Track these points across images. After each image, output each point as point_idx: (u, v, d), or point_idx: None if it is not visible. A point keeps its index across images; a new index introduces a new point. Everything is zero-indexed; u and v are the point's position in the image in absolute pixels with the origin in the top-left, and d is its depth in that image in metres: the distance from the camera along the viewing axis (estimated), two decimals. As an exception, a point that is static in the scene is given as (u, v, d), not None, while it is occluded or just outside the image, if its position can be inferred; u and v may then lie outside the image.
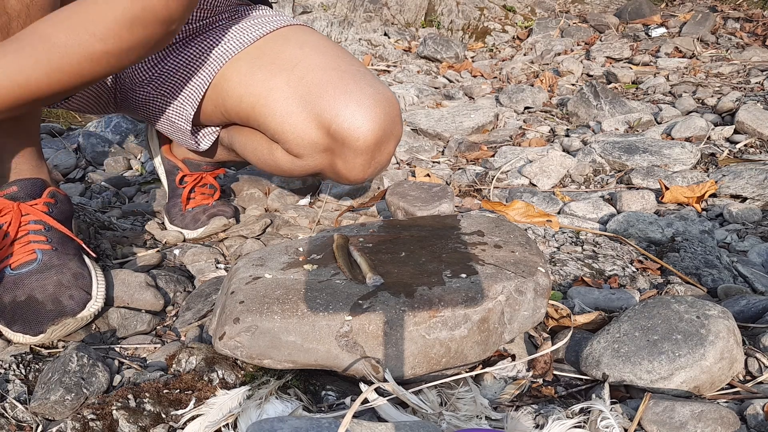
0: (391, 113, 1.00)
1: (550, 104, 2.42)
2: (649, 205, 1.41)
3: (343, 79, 0.99)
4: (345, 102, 0.97)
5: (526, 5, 4.24)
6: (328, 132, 0.98)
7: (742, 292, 0.99)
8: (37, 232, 0.93)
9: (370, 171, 1.04)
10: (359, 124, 0.96)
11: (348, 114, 0.96)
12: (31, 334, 0.85)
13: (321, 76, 0.99)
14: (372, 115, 0.97)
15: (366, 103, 0.97)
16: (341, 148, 0.99)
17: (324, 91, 0.98)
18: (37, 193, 0.96)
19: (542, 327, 0.89)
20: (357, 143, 0.97)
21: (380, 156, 1.02)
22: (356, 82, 0.99)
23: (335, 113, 0.97)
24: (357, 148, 0.98)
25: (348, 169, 1.02)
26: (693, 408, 0.68)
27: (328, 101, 0.97)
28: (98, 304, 0.92)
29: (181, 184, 1.32)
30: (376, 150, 1.00)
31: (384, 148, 1.01)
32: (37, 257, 0.91)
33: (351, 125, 0.96)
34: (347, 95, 0.97)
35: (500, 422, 0.70)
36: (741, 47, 3.08)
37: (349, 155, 1.00)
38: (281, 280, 0.79)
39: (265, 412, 0.70)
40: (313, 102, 0.98)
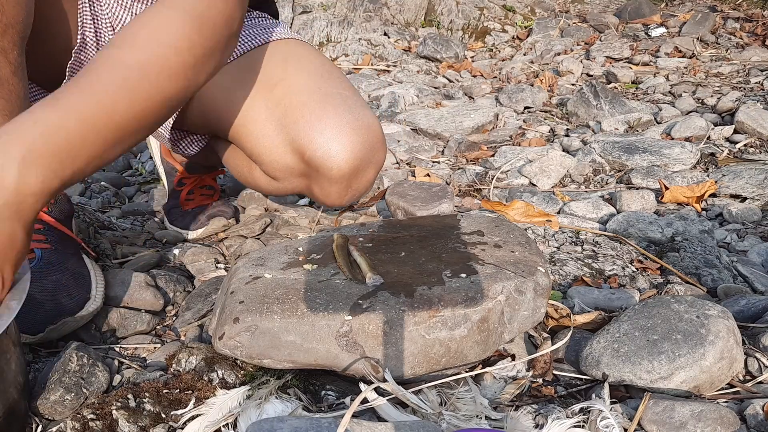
0: (370, 141, 0.95)
1: (550, 104, 2.42)
2: (649, 205, 1.41)
3: (320, 104, 0.94)
4: (320, 129, 0.93)
5: (526, 5, 4.24)
6: (303, 159, 0.95)
7: (741, 291, 0.99)
8: (36, 231, 0.94)
9: (348, 198, 1.00)
10: (334, 153, 0.92)
11: (322, 142, 0.92)
12: (30, 333, 0.85)
13: (299, 100, 0.95)
14: (348, 144, 0.93)
15: (343, 130, 0.93)
16: (316, 175, 0.96)
17: (300, 115, 0.94)
18: None
19: (542, 327, 0.89)
20: (331, 172, 0.94)
21: (357, 184, 0.98)
22: (334, 107, 0.94)
23: (309, 140, 0.93)
24: (331, 177, 0.94)
25: (324, 195, 0.99)
26: (693, 408, 0.68)
27: (304, 127, 0.94)
28: (97, 304, 0.92)
29: (179, 185, 1.32)
30: (353, 178, 0.96)
31: (362, 176, 0.97)
32: (36, 256, 0.91)
33: (325, 154, 0.93)
34: (323, 122, 0.93)
35: (500, 422, 0.70)
36: (741, 47, 3.08)
37: (324, 183, 0.96)
38: (281, 280, 0.79)
39: (265, 412, 0.70)
40: (289, 126, 0.95)
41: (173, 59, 0.74)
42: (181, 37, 0.74)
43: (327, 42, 3.57)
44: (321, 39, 3.58)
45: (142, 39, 0.74)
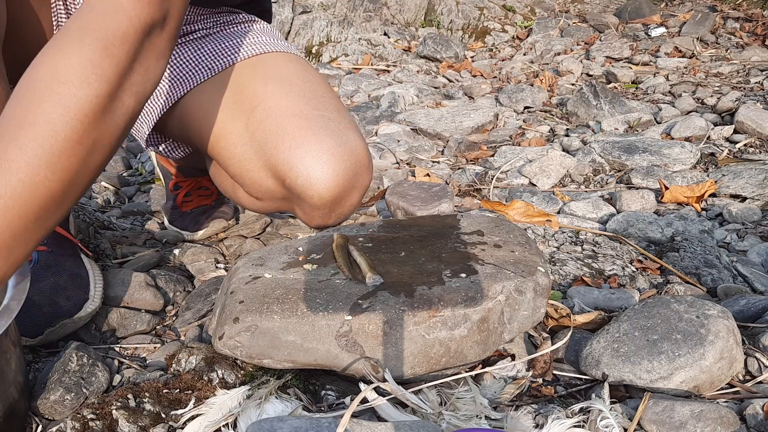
0: (354, 166, 0.91)
1: (550, 104, 2.42)
2: (649, 205, 1.41)
3: (301, 129, 0.91)
4: (300, 156, 0.89)
5: (526, 5, 4.24)
6: (284, 185, 0.92)
7: (741, 291, 0.99)
8: None
9: (332, 221, 0.98)
10: (314, 181, 0.89)
11: (302, 169, 0.89)
12: (28, 336, 0.84)
13: (279, 123, 0.92)
14: (329, 171, 0.89)
15: (323, 158, 0.89)
16: (298, 201, 0.93)
17: (281, 141, 0.91)
18: None
19: (542, 327, 0.89)
20: (312, 200, 0.91)
21: (341, 209, 0.95)
22: (315, 132, 0.90)
23: (289, 167, 0.90)
24: (313, 204, 0.92)
25: (307, 218, 0.97)
26: (693, 408, 0.68)
27: (284, 153, 0.90)
28: (95, 304, 0.92)
29: (175, 189, 1.32)
30: (336, 204, 0.93)
31: (345, 202, 0.94)
32: (34, 258, 0.91)
33: (305, 182, 0.89)
34: (303, 149, 0.89)
35: (500, 422, 0.70)
36: (741, 47, 3.08)
37: (306, 208, 0.93)
38: (281, 280, 0.79)
39: (265, 412, 0.70)
40: (269, 152, 0.91)
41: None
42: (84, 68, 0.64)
43: (327, 42, 3.57)
44: (321, 39, 3.58)
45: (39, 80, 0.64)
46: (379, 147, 1.89)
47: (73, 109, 0.62)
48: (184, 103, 1.00)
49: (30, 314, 0.85)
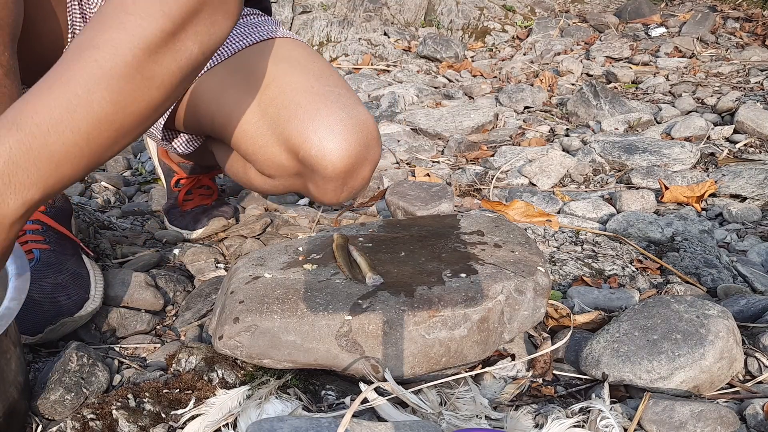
0: (365, 138, 0.94)
1: (550, 104, 2.42)
2: (649, 205, 1.41)
3: (313, 103, 0.93)
4: (314, 128, 0.91)
5: (526, 5, 4.24)
6: (297, 157, 0.94)
7: (741, 291, 0.99)
8: (34, 232, 0.93)
9: (344, 195, 0.99)
10: (328, 152, 0.91)
11: (316, 140, 0.91)
12: (29, 334, 0.84)
13: (292, 98, 0.94)
14: (342, 142, 0.91)
15: (336, 128, 0.91)
16: (311, 174, 0.94)
17: (294, 114, 0.93)
18: None
19: (542, 326, 0.89)
20: (326, 171, 0.92)
21: (353, 181, 0.96)
22: (328, 106, 0.93)
23: (303, 139, 0.92)
24: (326, 175, 0.93)
25: (320, 194, 0.98)
26: (693, 408, 0.68)
27: (297, 126, 0.92)
28: (96, 304, 0.92)
29: (177, 187, 1.32)
30: (348, 176, 0.94)
31: (357, 174, 0.95)
32: (35, 257, 0.91)
33: (319, 152, 0.91)
34: (316, 120, 0.92)
35: (500, 422, 0.70)
36: (741, 47, 3.08)
37: (319, 181, 0.95)
38: (281, 280, 0.79)
39: (265, 412, 0.70)
40: (283, 126, 0.94)
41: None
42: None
43: (327, 42, 3.57)
44: (321, 39, 3.58)
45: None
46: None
47: (136, 37, 0.63)
48: (195, 89, 1.02)
49: (30, 312, 0.85)
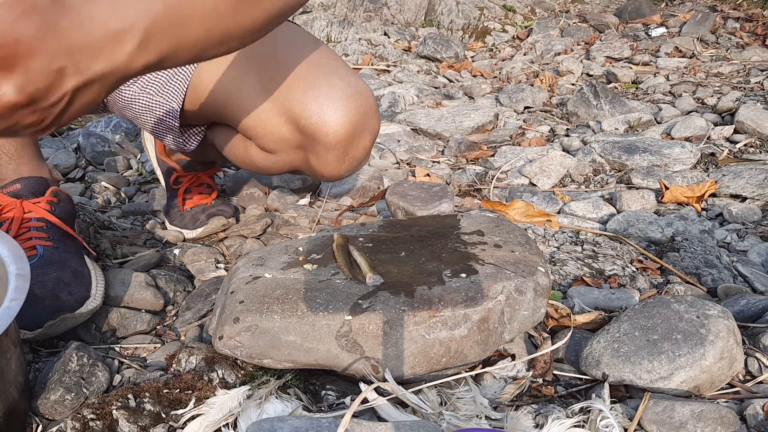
0: (364, 106, 0.96)
1: (550, 104, 2.42)
2: (649, 205, 1.41)
3: (312, 73, 0.96)
4: (314, 96, 0.94)
5: (526, 5, 4.24)
6: (298, 127, 0.96)
7: (742, 291, 0.99)
8: (39, 229, 0.94)
9: (345, 167, 1.01)
10: (328, 119, 0.94)
11: (316, 108, 0.94)
12: (28, 329, 0.84)
13: (291, 71, 0.97)
14: (342, 109, 0.94)
15: (335, 96, 0.94)
16: (312, 144, 0.97)
17: (293, 85, 0.95)
18: (40, 192, 0.97)
19: (542, 327, 0.89)
20: (327, 138, 0.95)
21: (354, 151, 0.98)
22: (326, 75, 0.96)
23: (303, 108, 0.94)
24: (327, 143, 0.95)
25: (321, 165, 1.00)
26: (693, 408, 0.68)
27: (297, 96, 0.95)
28: (96, 303, 0.92)
29: (176, 184, 1.32)
30: (349, 145, 0.97)
31: (358, 143, 0.98)
32: (38, 253, 0.92)
33: (319, 120, 0.94)
34: (316, 89, 0.94)
35: (500, 422, 0.70)
36: (741, 47, 3.08)
37: (320, 151, 0.97)
38: (281, 280, 0.79)
39: (265, 412, 0.70)
40: (283, 97, 0.96)
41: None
42: None
43: (327, 42, 3.57)
44: (321, 39, 3.58)
45: None
46: (379, 147, 1.89)
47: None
48: (196, 74, 1.05)
49: (31, 306, 0.85)
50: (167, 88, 1.10)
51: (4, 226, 0.92)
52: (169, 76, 1.10)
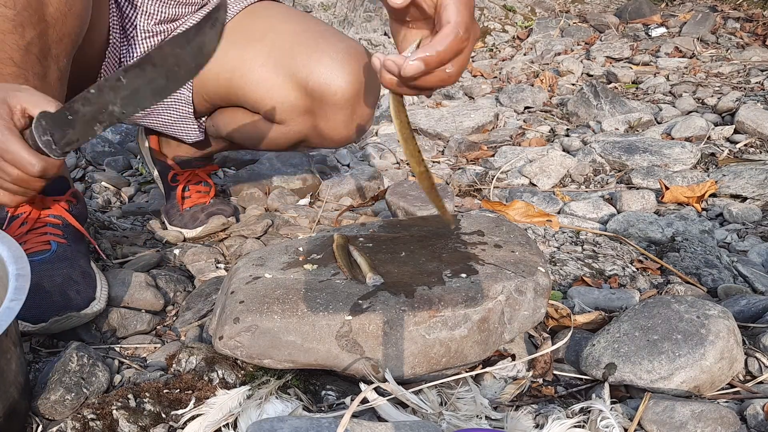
0: (367, 66, 0.99)
1: (550, 104, 2.42)
2: (649, 205, 1.41)
3: (314, 39, 0.99)
4: (318, 58, 0.97)
5: (526, 5, 4.24)
6: (306, 90, 0.98)
7: (742, 291, 0.99)
8: (55, 226, 0.95)
9: (354, 127, 1.03)
10: (335, 77, 0.97)
11: (322, 69, 0.97)
12: (31, 322, 0.84)
13: (292, 39, 1.00)
14: (346, 67, 0.97)
15: (339, 56, 0.97)
16: (320, 106, 0.99)
17: (296, 52, 0.99)
18: (60, 191, 0.99)
19: (542, 327, 0.89)
20: (335, 97, 0.97)
21: (361, 110, 1.01)
22: (327, 39, 0.99)
23: (310, 70, 0.97)
24: (336, 102, 0.98)
25: (330, 128, 1.02)
26: (693, 408, 0.68)
27: (302, 60, 0.98)
28: (101, 305, 0.92)
29: (174, 181, 1.32)
30: (356, 103, 0.99)
31: (364, 102, 1.01)
32: (52, 248, 0.93)
33: (326, 79, 0.97)
34: (319, 52, 0.97)
35: (500, 422, 0.70)
36: (741, 47, 3.08)
37: (329, 112, 0.99)
38: (281, 280, 0.79)
39: (265, 412, 0.70)
40: (287, 64, 0.99)
41: None
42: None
43: (327, 42, 3.57)
44: (321, 39, 3.58)
45: None
46: (379, 147, 1.89)
47: None
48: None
49: (38, 299, 0.85)
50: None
51: (21, 218, 0.94)
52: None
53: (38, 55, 0.82)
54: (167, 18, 1.09)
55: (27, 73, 0.80)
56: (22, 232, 0.93)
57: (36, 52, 0.81)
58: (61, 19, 0.82)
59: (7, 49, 0.78)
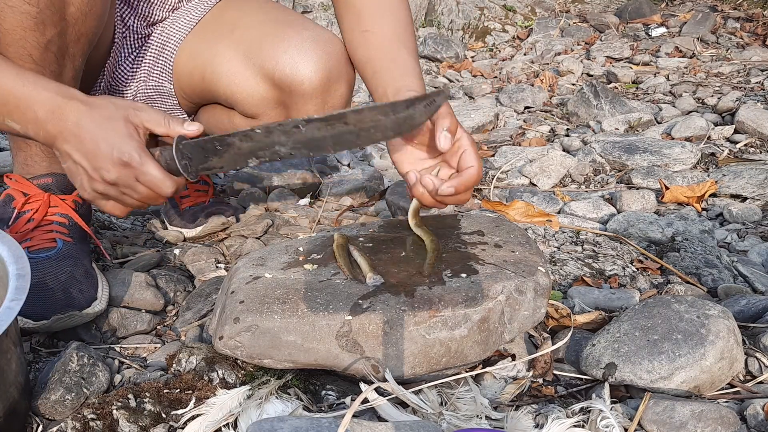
0: (336, 54, 0.98)
1: (550, 104, 2.42)
2: (649, 205, 1.41)
3: (281, 28, 0.98)
4: (284, 49, 0.96)
5: (526, 5, 4.24)
6: (273, 82, 0.98)
7: (742, 291, 0.99)
8: (61, 224, 0.96)
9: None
10: (301, 67, 0.95)
11: (287, 59, 0.96)
12: (33, 319, 0.84)
13: (259, 30, 1.00)
14: (313, 56, 0.96)
15: (304, 46, 0.96)
16: (290, 97, 0.98)
17: (263, 43, 0.98)
18: (68, 190, 0.99)
19: (542, 327, 0.89)
20: (302, 87, 0.96)
21: (332, 99, 1.00)
22: (293, 28, 0.98)
23: (276, 61, 0.96)
24: (304, 92, 0.97)
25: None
26: (693, 408, 0.68)
27: (268, 52, 0.97)
28: (102, 305, 0.92)
29: None
30: (326, 93, 0.98)
31: (334, 91, 0.99)
32: (58, 246, 0.93)
33: (293, 70, 0.96)
34: (285, 42, 0.96)
35: (500, 422, 0.70)
36: (741, 47, 3.08)
37: (299, 102, 0.98)
38: (281, 280, 0.79)
39: (265, 412, 0.70)
40: (255, 56, 0.98)
41: None
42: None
43: (327, 42, 3.57)
44: (321, 39, 3.58)
45: None
46: (379, 147, 1.89)
47: None
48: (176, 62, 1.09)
49: (41, 296, 0.86)
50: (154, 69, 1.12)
51: (28, 215, 0.94)
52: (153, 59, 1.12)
53: (56, 53, 0.83)
54: (155, 20, 1.09)
55: (44, 70, 0.81)
56: (29, 229, 0.93)
57: (54, 51, 0.82)
58: (81, 18, 0.83)
59: (27, 46, 0.79)
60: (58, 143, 0.75)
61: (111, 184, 0.76)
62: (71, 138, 0.73)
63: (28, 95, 0.73)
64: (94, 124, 0.73)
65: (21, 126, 0.74)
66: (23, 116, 0.73)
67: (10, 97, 0.73)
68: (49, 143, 0.76)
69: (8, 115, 0.74)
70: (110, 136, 0.73)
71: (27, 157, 0.98)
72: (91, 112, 0.73)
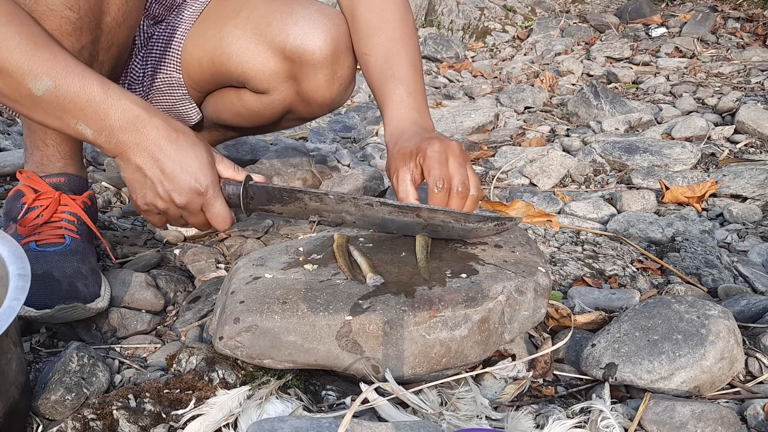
0: (342, 25, 1.02)
1: (551, 104, 2.42)
2: (650, 205, 1.41)
3: (287, 4, 1.03)
4: (293, 21, 1.01)
5: (527, 5, 4.24)
6: (284, 54, 1.02)
7: (742, 292, 0.99)
8: (70, 222, 0.96)
9: (336, 88, 1.06)
10: (311, 37, 1.00)
11: (298, 31, 1.00)
12: (35, 307, 0.85)
13: (265, 8, 1.03)
14: (322, 27, 1.00)
15: (313, 18, 1.01)
16: (301, 69, 1.02)
17: (271, 19, 1.02)
18: (79, 191, 1.01)
19: (542, 327, 0.89)
20: (313, 57, 1.01)
21: (341, 69, 1.04)
22: (300, 3, 1.03)
23: (286, 34, 1.01)
24: (315, 61, 1.01)
25: (313, 90, 1.05)
26: (693, 408, 0.68)
27: (277, 26, 1.01)
28: (104, 303, 0.93)
29: None
30: (335, 62, 1.03)
31: (342, 61, 1.04)
32: (66, 242, 0.94)
33: (303, 40, 1.00)
34: (294, 15, 1.01)
35: (500, 422, 0.70)
36: (741, 47, 3.08)
37: (310, 73, 1.03)
38: (281, 280, 0.79)
39: (266, 412, 0.70)
40: (264, 32, 1.02)
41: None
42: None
43: (327, 42, 3.57)
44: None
45: None
46: (379, 147, 1.89)
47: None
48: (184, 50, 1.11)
49: (46, 286, 0.86)
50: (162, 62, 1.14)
51: (38, 210, 0.95)
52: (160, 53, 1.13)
53: (87, 59, 0.84)
54: (161, 18, 1.10)
55: None
56: (38, 224, 0.94)
57: (86, 57, 0.84)
58: (115, 28, 0.85)
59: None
60: (130, 153, 0.76)
61: (176, 206, 0.78)
62: (146, 154, 0.75)
63: (109, 102, 0.74)
64: (175, 146, 0.75)
65: (93, 131, 0.74)
66: (100, 123, 0.74)
67: (90, 102, 0.73)
68: (118, 152, 0.77)
69: (83, 119, 0.74)
70: (192, 165, 0.76)
71: (43, 156, 0.99)
72: (175, 135, 0.76)
